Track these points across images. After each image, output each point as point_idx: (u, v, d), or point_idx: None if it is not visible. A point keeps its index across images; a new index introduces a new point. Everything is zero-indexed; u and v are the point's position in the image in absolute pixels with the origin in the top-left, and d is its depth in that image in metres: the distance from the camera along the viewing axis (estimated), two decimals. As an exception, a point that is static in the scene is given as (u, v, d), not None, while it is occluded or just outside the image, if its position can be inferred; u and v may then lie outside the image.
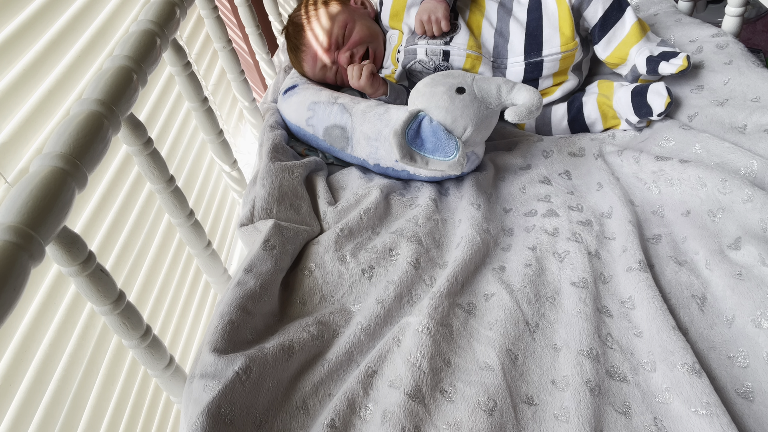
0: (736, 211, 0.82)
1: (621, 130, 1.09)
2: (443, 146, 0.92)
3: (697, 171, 0.88)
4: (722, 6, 1.35)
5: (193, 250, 0.89)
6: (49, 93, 0.82)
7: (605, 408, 0.66)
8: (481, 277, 0.84)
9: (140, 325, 0.66)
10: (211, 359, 0.68)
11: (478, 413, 0.65)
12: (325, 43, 1.15)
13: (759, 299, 0.71)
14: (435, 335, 0.73)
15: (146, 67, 0.74)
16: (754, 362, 0.67)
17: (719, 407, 0.62)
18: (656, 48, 1.05)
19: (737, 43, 1.07)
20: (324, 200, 1.00)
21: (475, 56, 1.10)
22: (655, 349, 0.70)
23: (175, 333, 1.05)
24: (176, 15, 0.84)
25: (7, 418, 0.67)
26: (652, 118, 1.03)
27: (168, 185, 0.81)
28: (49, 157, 0.57)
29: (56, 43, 0.85)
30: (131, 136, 0.74)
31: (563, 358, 0.71)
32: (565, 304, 0.78)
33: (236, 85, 1.22)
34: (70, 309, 0.79)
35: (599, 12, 1.06)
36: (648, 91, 1.02)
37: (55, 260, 0.58)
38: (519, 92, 0.95)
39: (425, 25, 1.10)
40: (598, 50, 1.10)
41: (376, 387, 0.70)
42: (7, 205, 0.52)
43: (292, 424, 0.68)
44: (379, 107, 1.05)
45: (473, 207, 0.94)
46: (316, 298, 0.84)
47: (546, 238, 0.88)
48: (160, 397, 0.98)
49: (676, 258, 0.82)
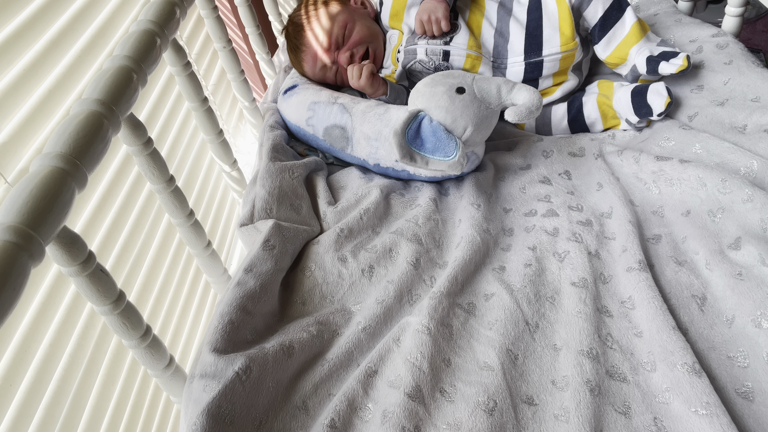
0: (736, 211, 0.82)
1: (621, 130, 1.09)
2: (443, 146, 0.92)
3: (697, 171, 0.87)
4: (722, 6, 1.35)
5: (193, 250, 0.89)
6: (49, 93, 0.82)
7: (605, 408, 0.66)
8: (481, 277, 0.84)
9: (140, 325, 0.66)
10: (211, 359, 0.68)
11: (478, 413, 0.65)
12: (325, 43, 1.15)
13: (759, 299, 0.71)
14: (435, 335, 0.73)
15: (146, 67, 0.74)
16: (754, 362, 0.67)
17: (719, 407, 0.62)
18: (656, 48, 1.05)
19: (737, 43, 1.07)
20: (324, 200, 1.00)
21: (475, 56, 1.10)
22: (655, 349, 0.70)
23: (175, 333, 1.05)
24: (176, 15, 0.84)
25: (7, 418, 0.67)
26: (652, 118, 1.03)
27: (168, 185, 0.81)
28: (49, 157, 0.57)
29: (56, 43, 0.85)
30: (131, 136, 0.74)
31: (563, 358, 0.71)
32: (565, 304, 0.78)
33: (236, 85, 1.22)
34: (70, 309, 0.79)
35: (599, 12, 1.06)
36: (648, 91, 1.02)
37: (55, 260, 0.58)
38: (519, 92, 0.95)
39: (425, 25, 1.10)
40: (598, 50, 1.10)
41: (376, 387, 0.70)
42: (7, 205, 0.52)
43: (292, 424, 0.68)
44: (379, 107, 1.05)
45: (473, 207, 0.94)
46: (316, 298, 0.84)
47: (546, 238, 0.88)
48: (160, 397, 0.98)
49: (676, 258, 0.82)
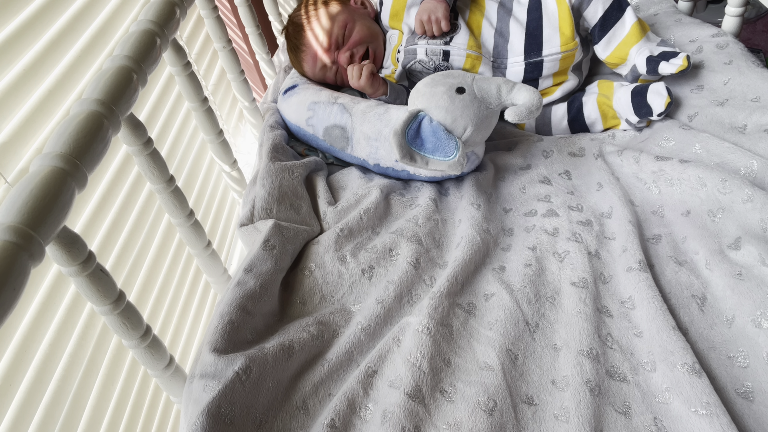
0: (736, 211, 0.82)
1: (621, 130, 1.09)
2: (443, 146, 0.92)
3: (697, 171, 0.88)
4: (722, 6, 1.35)
5: (193, 250, 0.89)
6: (49, 93, 0.82)
7: (605, 408, 0.66)
8: (481, 277, 0.84)
9: (140, 325, 0.66)
10: (211, 359, 0.68)
11: (478, 413, 0.65)
12: (326, 43, 1.15)
13: (759, 299, 0.71)
14: (435, 335, 0.73)
15: (146, 67, 0.74)
16: (754, 362, 0.68)
17: (719, 407, 0.62)
18: (656, 48, 1.05)
19: (737, 43, 1.07)
20: (324, 200, 1.00)
21: (475, 56, 1.10)
22: (655, 349, 0.70)
23: (175, 333, 1.05)
24: (176, 15, 0.84)
25: (7, 418, 0.67)
26: (652, 118, 1.03)
27: (168, 185, 0.81)
28: (49, 157, 0.57)
29: (56, 43, 0.86)
30: (131, 136, 0.74)
31: (563, 358, 0.71)
32: (565, 304, 0.78)
33: (236, 85, 1.22)
34: (70, 309, 0.79)
35: (599, 12, 1.06)
36: (648, 91, 1.02)
37: (55, 260, 0.58)
38: (519, 92, 0.95)
39: (425, 25, 1.10)
40: (598, 50, 1.10)
41: (376, 387, 0.70)
42: (7, 205, 0.52)
43: (292, 424, 0.68)
44: (379, 107, 1.05)
45: (473, 207, 0.94)
46: (316, 298, 0.84)
47: (546, 238, 0.88)
48: (160, 397, 0.98)
49: (676, 258, 0.82)
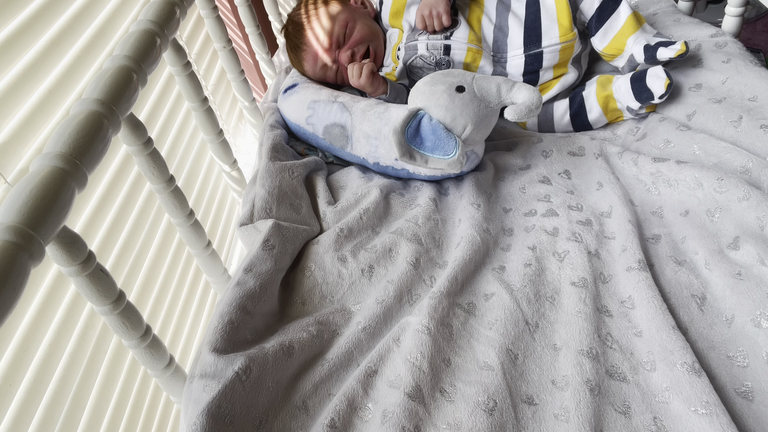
0: (733, 209, 0.82)
1: (621, 124, 1.10)
2: (443, 145, 0.92)
3: (693, 171, 0.88)
4: (722, 6, 1.35)
5: (193, 250, 0.89)
6: (49, 93, 0.82)
7: (605, 408, 0.66)
8: (481, 276, 0.84)
9: (140, 325, 0.67)
10: (210, 359, 0.68)
11: (478, 413, 0.65)
12: (326, 42, 1.15)
13: (758, 299, 0.71)
14: (435, 335, 0.73)
15: (146, 67, 0.74)
16: (754, 362, 0.68)
17: (719, 406, 0.62)
18: (653, 38, 1.06)
19: (736, 42, 1.07)
20: (324, 200, 1.00)
21: (475, 50, 1.10)
22: (655, 349, 0.70)
23: (175, 333, 1.05)
24: (176, 15, 0.85)
25: (7, 418, 0.67)
26: (654, 101, 1.03)
27: (168, 185, 0.81)
28: (49, 157, 0.57)
29: (56, 43, 0.86)
30: (131, 136, 0.74)
31: (563, 357, 0.71)
32: (564, 304, 0.78)
33: (236, 85, 1.22)
34: (70, 309, 0.79)
35: (595, 3, 1.08)
36: (647, 75, 1.02)
37: (55, 260, 0.58)
38: (519, 91, 0.95)
39: (426, 20, 1.10)
40: (595, 42, 1.11)
41: (376, 387, 0.70)
42: (7, 205, 0.52)
43: (292, 424, 0.68)
44: (378, 106, 1.05)
45: (473, 207, 0.94)
46: (316, 298, 0.84)
47: (546, 238, 0.88)
48: (160, 397, 0.98)
49: (675, 258, 0.82)
